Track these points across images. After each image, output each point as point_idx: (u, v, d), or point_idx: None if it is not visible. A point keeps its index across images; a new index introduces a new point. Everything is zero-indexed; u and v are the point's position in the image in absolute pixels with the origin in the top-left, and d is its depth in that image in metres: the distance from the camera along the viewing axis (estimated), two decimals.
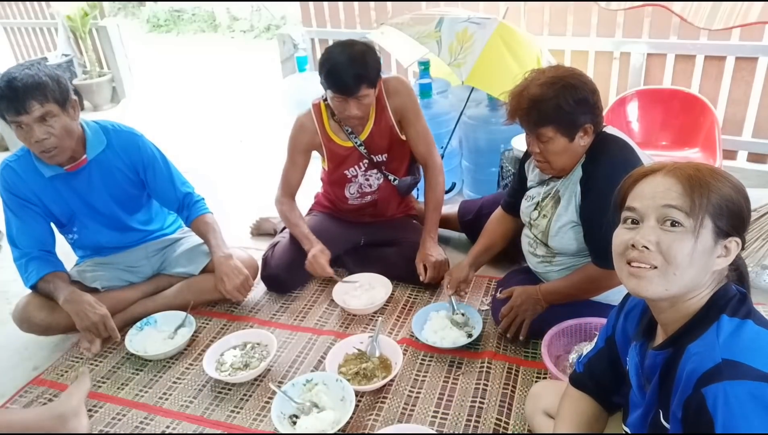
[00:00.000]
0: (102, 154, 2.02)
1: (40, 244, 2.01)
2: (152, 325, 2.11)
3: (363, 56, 1.95)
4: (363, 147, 2.22)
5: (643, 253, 0.95)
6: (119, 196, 2.11)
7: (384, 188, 2.34)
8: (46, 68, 1.84)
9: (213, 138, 4.32)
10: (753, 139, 2.94)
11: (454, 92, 3.16)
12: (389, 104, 2.20)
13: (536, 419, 1.42)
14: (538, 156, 1.72)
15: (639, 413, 1.05)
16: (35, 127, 1.80)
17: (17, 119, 1.78)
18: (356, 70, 1.93)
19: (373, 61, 1.97)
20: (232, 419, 1.74)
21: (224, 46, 8.59)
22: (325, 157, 2.27)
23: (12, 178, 1.96)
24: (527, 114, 1.63)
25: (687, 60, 2.92)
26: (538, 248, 1.87)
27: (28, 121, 1.78)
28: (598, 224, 1.67)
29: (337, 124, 2.19)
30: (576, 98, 1.58)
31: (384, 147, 2.25)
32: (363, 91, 1.98)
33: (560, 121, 1.60)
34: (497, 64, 2.39)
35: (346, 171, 2.27)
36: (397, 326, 2.09)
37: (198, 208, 2.22)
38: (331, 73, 1.95)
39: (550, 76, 1.61)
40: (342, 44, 1.99)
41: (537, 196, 1.85)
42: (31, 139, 1.81)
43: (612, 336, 1.20)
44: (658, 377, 0.99)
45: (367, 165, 2.27)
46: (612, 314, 1.22)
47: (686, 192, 0.92)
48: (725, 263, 0.95)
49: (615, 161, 1.63)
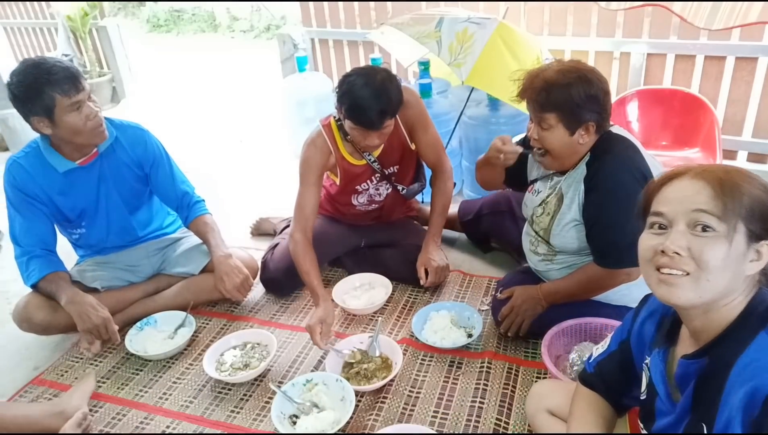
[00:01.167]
0: (110, 148, 2.05)
1: (42, 243, 2.02)
2: (152, 325, 2.11)
3: (386, 89, 1.86)
4: (376, 163, 2.18)
5: (673, 259, 0.91)
6: (124, 192, 2.13)
7: (391, 196, 2.32)
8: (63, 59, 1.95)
9: (213, 138, 4.32)
10: (753, 139, 2.94)
11: (454, 92, 3.16)
12: (400, 118, 2.13)
13: (538, 418, 1.41)
14: (535, 142, 1.72)
15: (669, 421, 1.01)
16: (86, 104, 1.89)
17: (77, 98, 1.85)
18: (381, 105, 1.85)
19: (396, 92, 1.89)
20: (232, 419, 1.74)
21: (224, 46, 8.59)
22: (339, 175, 2.20)
23: (20, 174, 1.97)
24: (537, 94, 1.63)
25: (687, 60, 2.92)
26: (539, 247, 1.86)
27: (83, 98, 1.87)
28: (601, 223, 1.67)
29: (350, 144, 2.11)
30: (588, 93, 1.58)
31: (396, 160, 2.22)
32: (386, 124, 1.92)
33: (566, 110, 1.60)
34: (497, 64, 2.39)
35: (357, 186, 2.24)
36: (397, 326, 2.09)
37: (197, 209, 2.23)
38: (353, 109, 1.87)
39: (570, 65, 1.62)
40: (364, 75, 1.88)
41: (542, 190, 1.84)
42: (89, 114, 1.89)
43: (627, 340, 1.18)
44: (693, 388, 0.95)
45: (378, 178, 2.24)
46: (627, 318, 1.20)
47: (717, 195, 0.89)
48: (758, 268, 0.92)
49: (619, 160, 1.63)
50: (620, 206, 1.61)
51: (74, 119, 1.86)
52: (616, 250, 1.66)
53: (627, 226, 1.63)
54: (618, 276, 1.70)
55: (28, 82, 1.79)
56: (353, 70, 1.94)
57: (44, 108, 1.82)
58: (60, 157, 1.97)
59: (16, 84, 1.81)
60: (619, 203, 1.61)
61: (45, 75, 1.79)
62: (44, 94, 1.79)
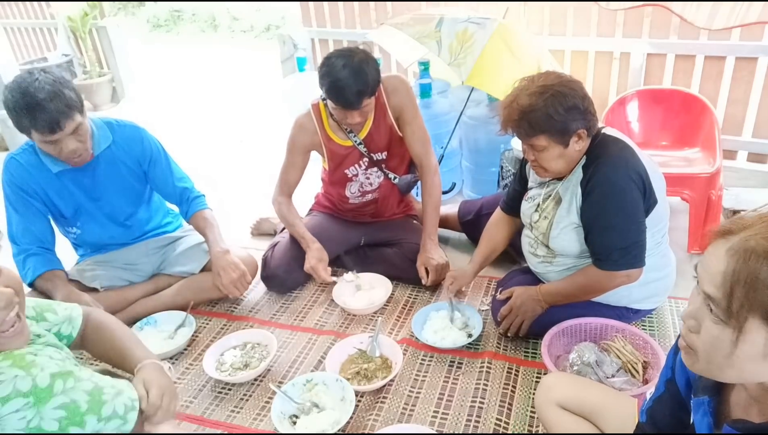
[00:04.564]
0: (107, 150, 2.05)
1: (39, 242, 2.02)
2: (152, 325, 2.11)
3: (363, 69, 1.94)
4: (362, 145, 2.22)
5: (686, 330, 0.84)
6: (123, 191, 2.13)
7: (384, 187, 2.34)
8: (53, 75, 1.83)
9: (213, 138, 4.32)
10: (753, 139, 2.94)
11: (454, 92, 3.16)
12: (388, 103, 2.20)
13: (548, 411, 1.37)
14: (534, 163, 1.72)
15: None
16: (67, 141, 1.83)
17: (53, 138, 1.79)
18: (358, 85, 1.93)
19: (373, 72, 1.97)
20: (232, 419, 1.74)
21: (224, 46, 8.59)
22: (326, 156, 2.27)
23: (18, 171, 1.97)
24: (518, 125, 1.63)
25: (687, 60, 2.92)
26: (538, 249, 1.86)
27: (61, 137, 1.81)
28: (599, 226, 1.67)
29: (336, 123, 2.19)
30: (566, 106, 1.57)
31: (383, 145, 2.26)
32: (364, 103, 1.99)
33: (552, 130, 1.60)
34: (497, 64, 2.39)
35: (346, 170, 2.27)
36: (397, 326, 2.09)
37: (197, 204, 2.22)
38: (332, 89, 1.96)
39: (539, 85, 1.61)
40: (342, 55, 1.97)
41: (537, 197, 1.85)
42: (63, 151, 1.85)
43: (672, 378, 1.05)
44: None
45: (367, 163, 2.27)
46: (670, 354, 1.07)
47: (725, 283, 0.76)
48: None
49: (615, 162, 1.63)
50: (617, 208, 1.62)
51: (49, 149, 1.86)
52: (615, 253, 1.66)
53: (625, 228, 1.64)
54: (617, 278, 1.70)
55: (11, 106, 1.77)
56: (333, 52, 2.02)
57: (24, 131, 1.82)
58: (53, 158, 1.95)
59: (5, 99, 1.79)
60: (616, 206, 1.62)
61: (26, 110, 1.74)
62: (22, 124, 1.78)
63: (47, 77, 1.79)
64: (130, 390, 1.24)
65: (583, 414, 1.32)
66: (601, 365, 1.66)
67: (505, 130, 1.69)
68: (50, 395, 1.11)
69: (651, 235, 1.70)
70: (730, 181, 2.77)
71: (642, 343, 1.70)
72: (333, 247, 2.36)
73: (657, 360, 1.62)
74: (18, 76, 1.80)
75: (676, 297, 2.06)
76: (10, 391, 1.06)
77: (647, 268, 1.71)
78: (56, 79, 1.81)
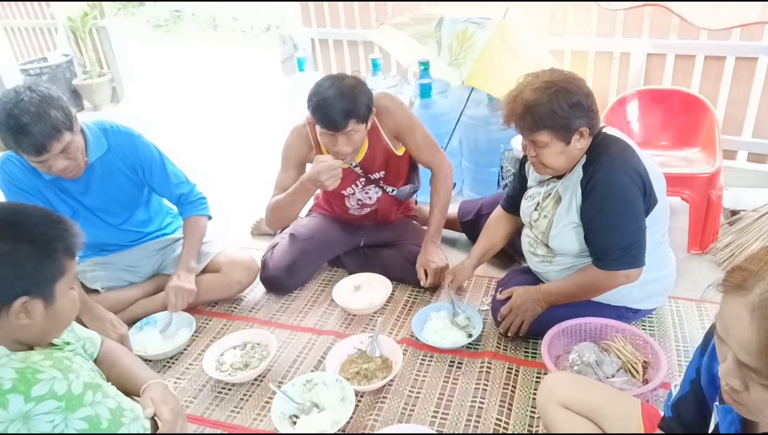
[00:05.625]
0: (102, 157, 2.02)
1: None
2: (152, 325, 2.11)
3: (352, 90, 1.87)
4: (359, 168, 2.18)
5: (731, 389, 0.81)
6: (119, 196, 2.11)
7: (383, 199, 2.32)
8: (40, 93, 1.75)
9: (213, 138, 4.32)
10: (753, 139, 2.94)
11: (454, 92, 3.16)
12: (381, 125, 2.14)
13: (550, 410, 1.36)
14: (534, 159, 1.72)
15: None
16: (56, 160, 1.81)
17: (38, 159, 1.78)
18: (345, 105, 1.85)
19: (363, 96, 1.90)
20: (232, 419, 1.74)
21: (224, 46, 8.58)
22: None
23: (15, 170, 1.95)
24: (522, 119, 1.63)
25: (687, 60, 2.92)
26: (538, 248, 1.86)
27: (46, 159, 1.79)
28: (599, 226, 1.67)
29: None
30: (570, 103, 1.58)
31: (380, 165, 2.22)
32: (351, 127, 1.90)
33: (555, 126, 1.60)
34: (497, 64, 2.39)
35: (342, 190, 2.23)
36: (397, 326, 2.09)
37: (191, 209, 2.20)
38: (318, 108, 1.88)
39: (544, 80, 1.61)
40: (332, 78, 1.91)
41: (537, 196, 1.85)
42: (53, 169, 1.83)
43: (697, 379, 1.06)
44: None
45: (364, 183, 2.24)
46: (695, 355, 1.07)
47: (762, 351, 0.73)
48: None
49: (615, 162, 1.63)
50: (617, 208, 1.62)
51: (39, 167, 1.85)
52: (615, 253, 1.66)
53: (625, 228, 1.64)
54: (617, 278, 1.70)
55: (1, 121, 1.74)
56: (324, 77, 1.95)
57: (11, 150, 1.81)
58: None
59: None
60: (616, 205, 1.62)
61: (11, 132, 1.71)
62: (9, 144, 1.76)
63: (33, 97, 1.72)
64: (143, 419, 1.24)
65: (585, 414, 1.32)
66: (601, 365, 1.66)
67: (507, 124, 1.69)
68: (80, 404, 1.10)
69: (651, 234, 1.70)
70: (730, 181, 2.77)
71: (642, 343, 1.70)
72: (333, 247, 2.36)
73: (657, 360, 1.62)
74: (4, 93, 1.74)
75: (676, 297, 2.06)
76: (46, 391, 1.06)
77: (647, 267, 1.71)
78: (43, 97, 1.73)
